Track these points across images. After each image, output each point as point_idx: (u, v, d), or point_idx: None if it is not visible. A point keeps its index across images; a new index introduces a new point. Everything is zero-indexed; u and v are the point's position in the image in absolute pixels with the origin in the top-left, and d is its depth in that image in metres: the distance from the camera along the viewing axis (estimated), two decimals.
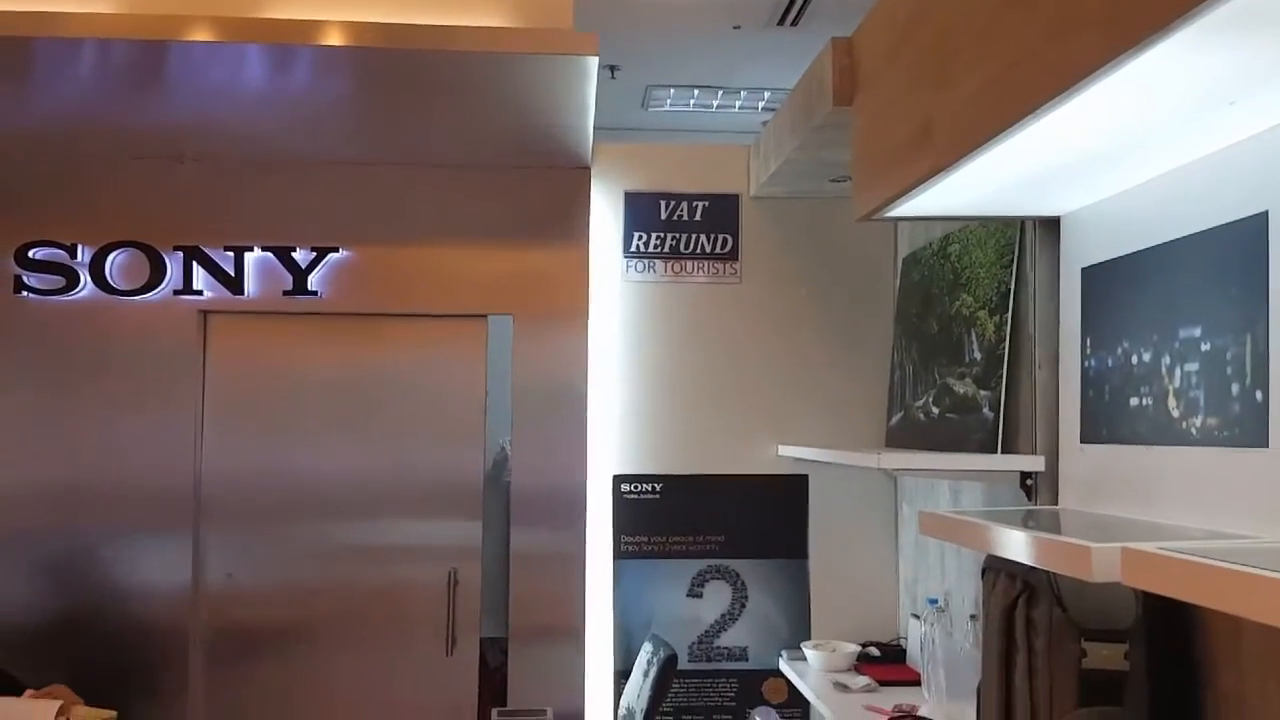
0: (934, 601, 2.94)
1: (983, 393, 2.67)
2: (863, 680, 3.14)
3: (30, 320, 3.55)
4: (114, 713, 2.67)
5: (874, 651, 3.41)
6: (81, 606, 3.51)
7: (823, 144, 2.91)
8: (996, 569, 2.02)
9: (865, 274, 3.75)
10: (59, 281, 3.55)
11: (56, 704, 2.53)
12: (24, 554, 3.51)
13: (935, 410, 2.94)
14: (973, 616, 2.78)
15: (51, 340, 3.55)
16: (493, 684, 3.78)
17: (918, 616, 3.22)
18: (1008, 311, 2.61)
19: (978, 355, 2.74)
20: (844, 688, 3.11)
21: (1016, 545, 1.67)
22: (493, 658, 3.92)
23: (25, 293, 3.54)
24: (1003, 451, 2.53)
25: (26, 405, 3.54)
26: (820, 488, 3.67)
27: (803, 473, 3.65)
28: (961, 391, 2.79)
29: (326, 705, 3.59)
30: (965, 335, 2.82)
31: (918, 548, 3.47)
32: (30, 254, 3.54)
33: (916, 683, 3.08)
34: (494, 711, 3.22)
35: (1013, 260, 2.62)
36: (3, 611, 3.40)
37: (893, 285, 3.62)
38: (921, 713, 2.79)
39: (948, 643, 2.79)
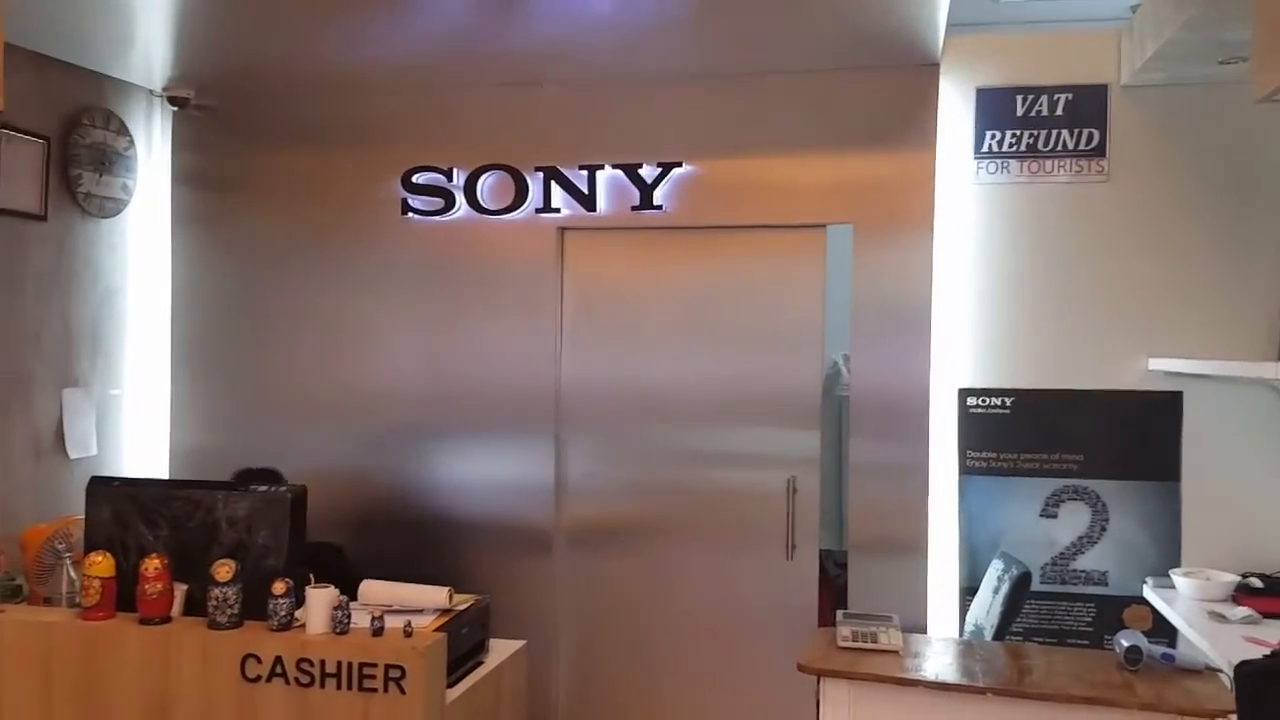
0: None
1: None
2: (1242, 611, 2.89)
3: (415, 239, 3.95)
4: (485, 597, 2.99)
5: (1256, 583, 3.12)
6: (456, 499, 3.92)
7: (1214, 21, 2.61)
8: None
9: (1259, 167, 3.35)
10: (438, 203, 3.92)
11: (447, 589, 2.86)
12: (409, 448, 3.95)
13: None
14: None
15: (432, 257, 3.94)
16: (830, 594, 3.83)
17: None
18: None
19: None
20: (1220, 618, 2.88)
21: None
22: (830, 569, 3.96)
23: (411, 214, 3.94)
24: None
25: (412, 315, 3.97)
26: (1197, 404, 3.35)
27: (1176, 389, 3.35)
28: None
29: (677, 596, 3.80)
30: None
31: None
32: (414, 178, 3.93)
33: None
34: (839, 612, 3.26)
35: None
36: (386, 499, 3.85)
37: None
38: None
39: None
